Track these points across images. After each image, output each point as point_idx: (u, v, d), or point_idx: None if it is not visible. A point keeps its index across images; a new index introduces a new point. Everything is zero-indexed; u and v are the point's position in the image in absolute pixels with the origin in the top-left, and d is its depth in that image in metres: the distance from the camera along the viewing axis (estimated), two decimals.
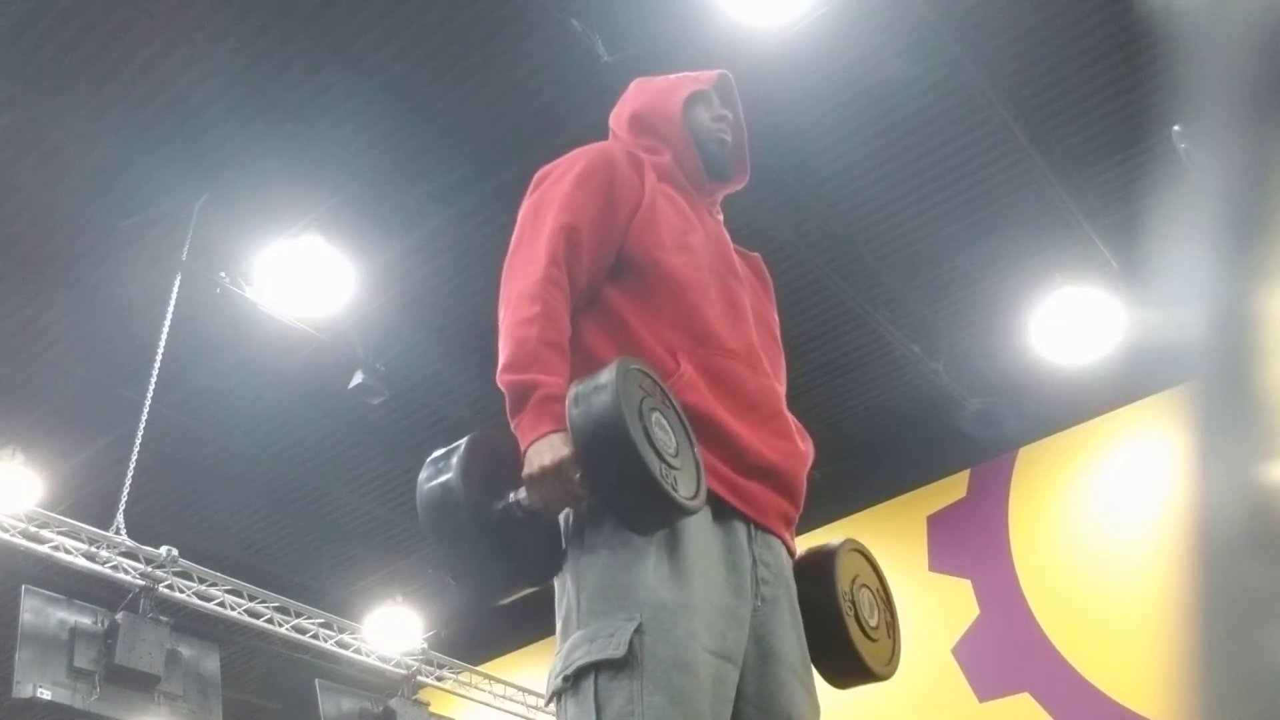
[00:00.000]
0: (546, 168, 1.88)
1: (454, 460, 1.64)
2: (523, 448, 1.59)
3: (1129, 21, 5.18)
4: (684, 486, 1.52)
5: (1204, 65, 0.49)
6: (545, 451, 1.55)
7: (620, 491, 1.52)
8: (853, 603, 1.85)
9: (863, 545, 1.97)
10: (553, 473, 1.54)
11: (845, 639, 1.80)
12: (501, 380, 1.65)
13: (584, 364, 1.67)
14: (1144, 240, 5.99)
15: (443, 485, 1.62)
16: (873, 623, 1.87)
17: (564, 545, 1.66)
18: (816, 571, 1.84)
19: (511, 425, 1.63)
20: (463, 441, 1.67)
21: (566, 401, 1.54)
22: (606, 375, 1.52)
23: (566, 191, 1.79)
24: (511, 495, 1.61)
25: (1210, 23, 0.50)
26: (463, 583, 1.67)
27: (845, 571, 1.87)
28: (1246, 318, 0.47)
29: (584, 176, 1.81)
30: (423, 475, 1.66)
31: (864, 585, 1.90)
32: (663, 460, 1.50)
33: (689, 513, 1.53)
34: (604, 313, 1.78)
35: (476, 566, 1.65)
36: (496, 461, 1.65)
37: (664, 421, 1.55)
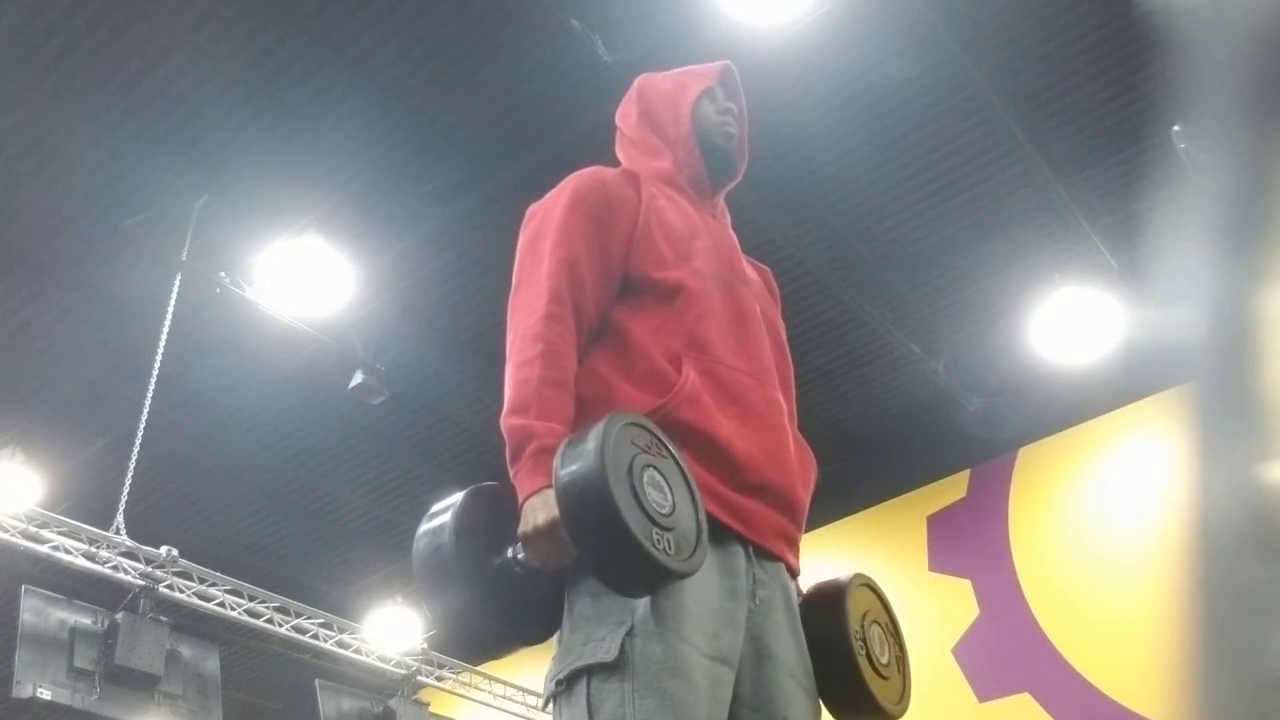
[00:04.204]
0: (537, 204, 1.86)
1: (448, 516, 1.61)
2: (519, 501, 1.56)
3: (1129, 21, 5.17)
4: (678, 547, 1.47)
5: (1204, 65, 0.49)
6: (540, 509, 1.52)
7: (606, 558, 1.47)
8: (864, 640, 1.82)
9: (871, 580, 1.93)
10: (546, 532, 1.51)
11: (857, 678, 1.77)
12: (503, 424, 1.62)
13: (591, 389, 1.66)
14: (1144, 240, 5.99)
15: (435, 546, 1.59)
16: (884, 660, 1.84)
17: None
18: (827, 609, 1.81)
19: (510, 473, 1.60)
20: (460, 495, 1.64)
21: (554, 462, 1.49)
22: (593, 438, 1.45)
23: (559, 223, 1.76)
24: (510, 551, 1.58)
25: (1210, 22, 0.50)
26: (454, 640, 1.66)
27: (856, 608, 1.84)
28: (1246, 318, 0.47)
29: (574, 204, 1.78)
30: (418, 530, 1.63)
31: (874, 621, 1.87)
32: (654, 523, 1.44)
33: (682, 575, 1.48)
34: (609, 332, 1.75)
35: (467, 625, 1.63)
36: (498, 512, 1.62)
37: (659, 478, 1.49)
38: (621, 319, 1.76)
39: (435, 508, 1.65)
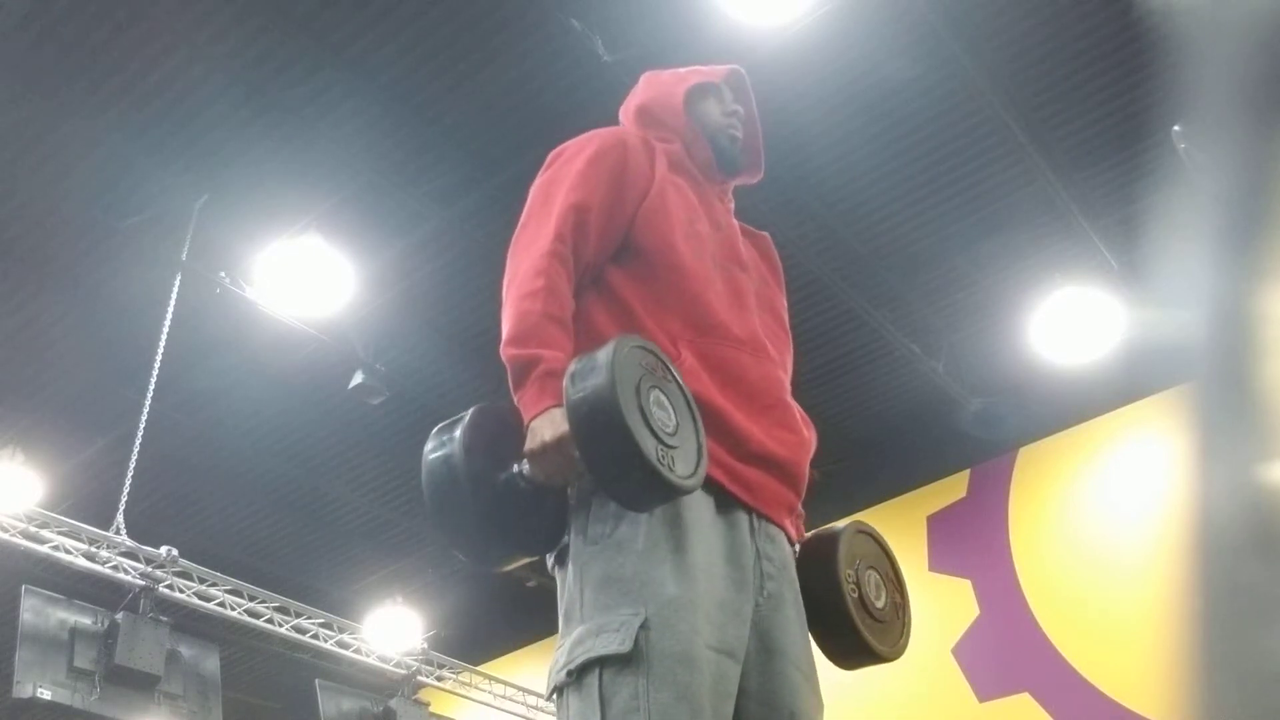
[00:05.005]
0: (561, 146, 1.90)
1: (457, 432, 1.65)
2: (525, 421, 1.60)
3: (1129, 21, 5.17)
4: (681, 465, 1.52)
5: (1204, 65, 0.49)
6: (546, 427, 1.56)
7: (615, 472, 1.52)
8: (856, 584, 1.85)
9: (872, 528, 1.97)
10: (553, 448, 1.56)
11: (847, 619, 1.80)
12: (504, 353, 1.66)
13: (589, 341, 1.68)
14: (1144, 240, 6.00)
15: (444, 456, 1.63)
16: (879, 604, 1.87)
17: (569, 522, 1.66)
18: (819, 553, 1.84)
19: (514, 399, 1.64)
20: (468, 412, 1.68)
21: (564, 380, 1.54)
22: (604, 355, 1.52)
23: (578, 170, 1.80)
24: (515, 467, 1.62)
25: (1210, 22, 0.50)
26: (461, 552, 1.68)
27: (849, 553, 1.87)
28: (1246, 318, 0.47)
29: (597, 157, 1.82)
30: (427, 446, 1.67)
31: (870, 567, 1.90)
32: (659, 440, 1.50)
33: (685, 491, 1.53)
34: (609, 295, 1.79)
35: (474, 536, 1.66)
36: (502, 431, 1.66)
37: (663, 399, 1.55)
38: (623, 288, 1.78)
39: (442, 425, 1.68)
